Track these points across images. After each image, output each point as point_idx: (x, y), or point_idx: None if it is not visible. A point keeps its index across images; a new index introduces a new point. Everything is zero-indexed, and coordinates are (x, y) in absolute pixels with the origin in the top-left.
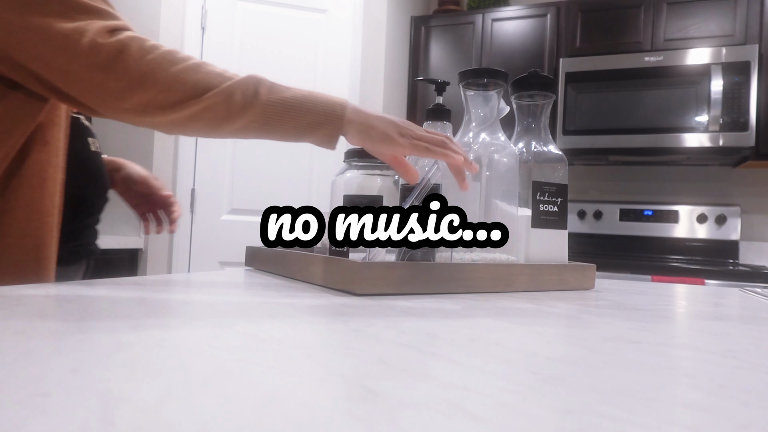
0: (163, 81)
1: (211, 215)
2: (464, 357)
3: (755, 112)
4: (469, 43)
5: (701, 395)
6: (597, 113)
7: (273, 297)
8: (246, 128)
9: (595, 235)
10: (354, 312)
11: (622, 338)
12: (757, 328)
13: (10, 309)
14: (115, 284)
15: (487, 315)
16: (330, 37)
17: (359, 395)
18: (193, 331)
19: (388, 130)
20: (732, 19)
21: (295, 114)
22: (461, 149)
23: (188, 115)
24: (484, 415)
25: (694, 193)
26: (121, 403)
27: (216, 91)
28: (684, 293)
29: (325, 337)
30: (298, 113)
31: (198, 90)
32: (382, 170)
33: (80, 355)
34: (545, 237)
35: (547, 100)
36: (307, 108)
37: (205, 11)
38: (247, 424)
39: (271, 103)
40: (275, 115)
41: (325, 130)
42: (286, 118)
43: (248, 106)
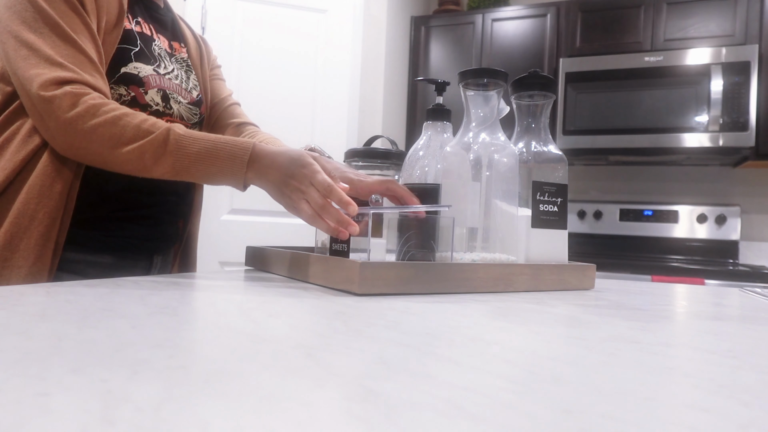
0: (82, 133)
1: (211, 215)
2: (464, 357)
3: (755, 112)
4: (469, 43)
5: (701, 395)
6: (597, 113)
7: (273, 297)
8: (162, 176)
9: (595, 235)
10: (354, 312)
11: (622, 338)
12: (757, 328)
13: (10, 309)
14: (115, 284)
15: (487, 315)
16: (330, 37)
17: (359, 395)
18: (193, 331)
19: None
20: (732, 19)
21: (201, 166)
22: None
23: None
24: (483, 415)
25: (694, 193)
26: (121, 403)
27: (129, 149)
28: (684, 293)
29: (325, 337)
30: (203, 166)
31: (113, 143)
32: (381, 170)
33: (80, 355)
34: (545, 237)
35: (547, 100)
36: (211, 162)
37: (205, 11)
38: (247, 424)
39: (178, 158)
40: (183, 168)
41: (229, 182)
42: (192, 170)
43: (158, 161)
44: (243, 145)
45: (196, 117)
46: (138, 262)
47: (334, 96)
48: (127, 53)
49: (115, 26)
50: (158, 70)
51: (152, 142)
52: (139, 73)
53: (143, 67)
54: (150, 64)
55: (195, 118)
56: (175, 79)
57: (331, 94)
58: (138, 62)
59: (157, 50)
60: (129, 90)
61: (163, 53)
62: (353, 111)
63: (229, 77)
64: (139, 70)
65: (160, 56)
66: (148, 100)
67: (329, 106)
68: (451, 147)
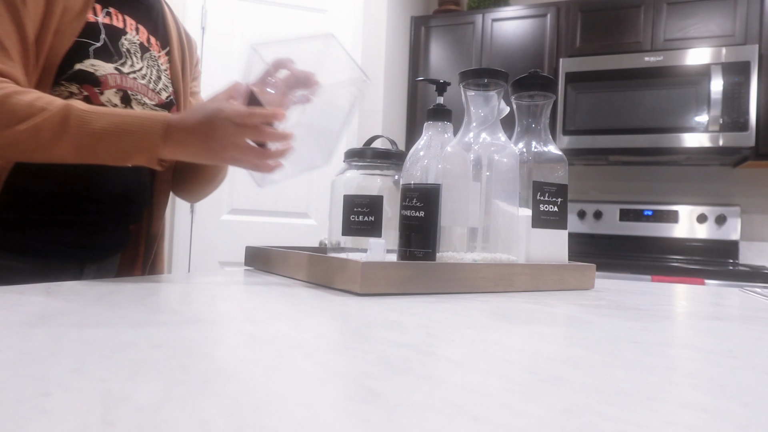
0: None
1: (211, 215)
2: (464, 357)
3: (755, 112)
4: (469, 43)
5: (701, 395)
6: (597, 113)
7: (273, 297)
8: (64, 158)
9: (595, 235)
10: (355, 312)
11: (622, 338)
12: (757, 328)
13: (10, 309)
14: (115, 284)
15: (487, 315)
16: None
17: (359, 395)
18: (193, 331)
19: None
20: (732, 19)
21: (108, 143)
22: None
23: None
24: (484, 415)
25: (694, 193)
26: (121, 403)
27: (23, 127)
28: (684, 293)
29: (325, 337)
30: (110, 143)
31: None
32: (382, 170)
33: (80, 355)
34: (545, 237)
35: (547, 101)
36: (120, 137)
37: (205, 11)
38: (247, 424)
39: (81, 136)
40: (87, 147)
41: (142, 156)
42: (98, 149)
43: (57, 140)
44: (155, 117)
45: None
46: (65, 270)
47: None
48: (85, 48)
49: (77, 17)
50: (121, 69)
51: (50, 120)
52: (96, 71)
53: (102, 65)
54: (111, 62)
55: None
56: (141, 79)
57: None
58: (97, 59)
59: (126, 45)
60: (82, 89)
61: (134, 48)
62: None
63: (229, 77)
64: (97, 68)
65: (128, 52)
66: (104, 100)
67: None
68: (451, 147)
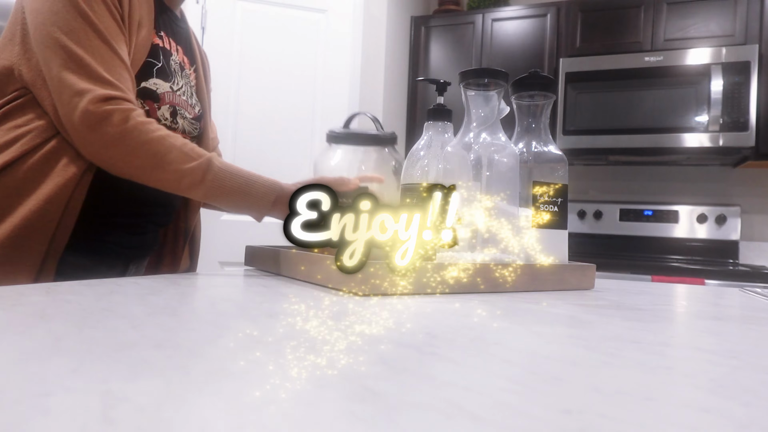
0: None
1: (211, 215)
2: (464, 357)
3: (755, 112)
4: (469, 43)
5: (701, 395)
6: (597, 113)
7: (273, 297)
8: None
9: (595, 235)
10: (354, 312)
11: (622, 338)
12: (757, 328)
13: (10, 309)
14: (115, 284)
15: (487, 315)
16: (330, 37)
17: (359, 395)
18: (193, 331)
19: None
20: (732, 19)
21: (231, 201)
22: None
23: (142, 179)
24: (484, 415)
25: (694, 193)
26: (121, 403)
27: (171, 170)
28: (684, 293)
29: (325, 337)
30: (232, 201)
31: (156, 161)
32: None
33: (80, 355)
34: (545, 237)
35: (547, 101)
36: (241, 198)
37: (205, 11)
38: (247, 424)
39: (213, 189)
40: (214, 198)
41: (253, 214)
42: (222, 202)
43: (193, 189)
44: (271, 186)
45: (196, 131)
46: (113, 269)
47: (334, 96)
48: (151, 68)
49: (146, 40)
50: (173, 87)
51: (194, 171)
52: (157, 89)
53: (161, 84)
54: (168, 81)
55: (195, 132)
56: (183, 95)
57: (331, 94)
58: (158, 78)
59: (173, 65)
60: (144, 104)
61: (178, 68)
62: (353, 111)
63: (229, 78)
64: (158, 87)
65: (175, 71)
66: (159, 115)
67: (329, 106)
68: (451, 147)
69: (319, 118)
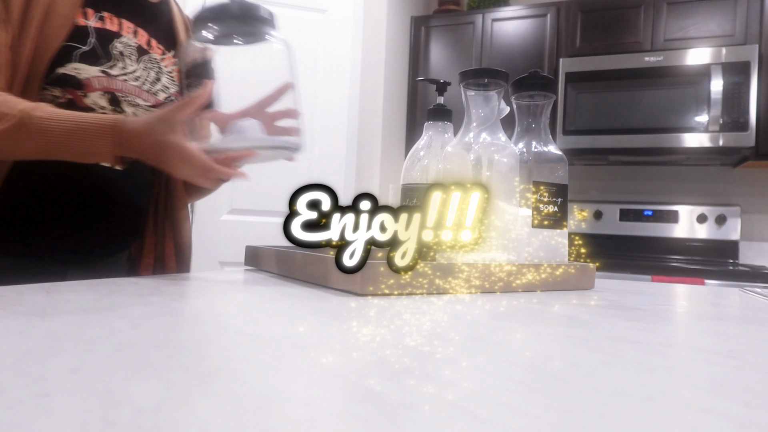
0: None
1: (211, 215)
2: (464, 357)
3: (755, 112)
4: (469, 43)
5: (701, 395)
6: (597, 113)
7: (273, 297)
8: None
9: (595, 235)
10: (354, 312)
11: (622, 338)
12: (757, 328)
13: (10, 309)
14: (115, 284)
15: (487, 315)
16: (330, 37)
17: (359, 395)
18: (193, 331)
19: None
20: (732, 19)
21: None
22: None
23: None
24: (484, 415)
25: (694, 193)
26: (121, 403)
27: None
28: (684, 293)
29: (325, 337)
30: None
31: None
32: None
33: (80, 355)
34: (545, 237)
35: (547, 101)
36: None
37: None
38: (247, 424)
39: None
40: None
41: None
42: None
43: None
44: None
45: None
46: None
47: (334, 96)
48: (70, 52)
49: (63, 22)
50: (109, 71)
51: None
52: (78, 74)
53: (86, 68)
54: (98, 65)
55: None
56: (134, 81)
57: (331, 95)
58: (81, 63)
59: (120, 48)
60: (65, 92)
61: (130, 51)
62: (353, 111)
63: None
64: (80, 72)
65: (122, 55)
66: (90, 103)
67: (329, 106)
68: (451, 147)
69: (319, 119)
